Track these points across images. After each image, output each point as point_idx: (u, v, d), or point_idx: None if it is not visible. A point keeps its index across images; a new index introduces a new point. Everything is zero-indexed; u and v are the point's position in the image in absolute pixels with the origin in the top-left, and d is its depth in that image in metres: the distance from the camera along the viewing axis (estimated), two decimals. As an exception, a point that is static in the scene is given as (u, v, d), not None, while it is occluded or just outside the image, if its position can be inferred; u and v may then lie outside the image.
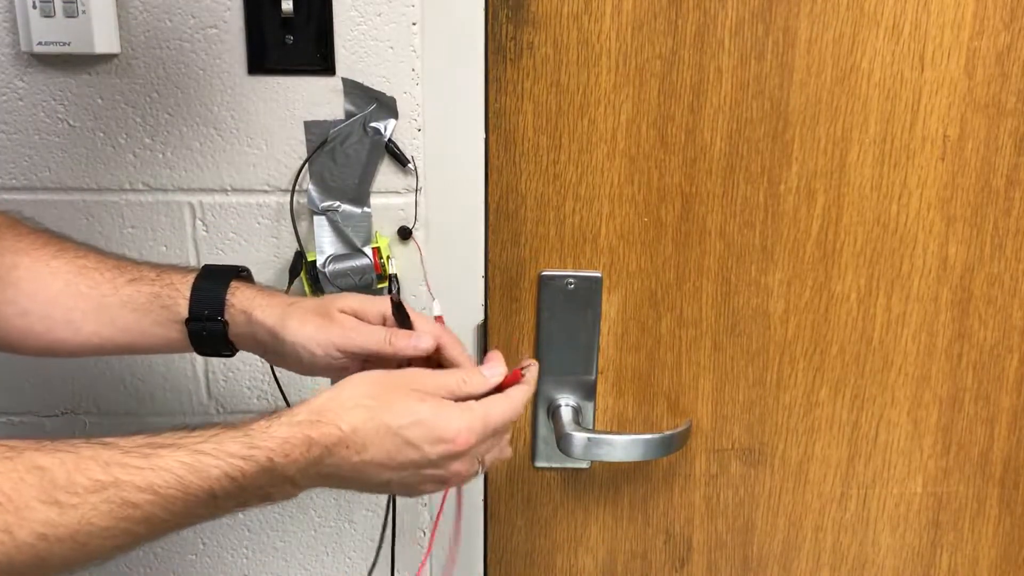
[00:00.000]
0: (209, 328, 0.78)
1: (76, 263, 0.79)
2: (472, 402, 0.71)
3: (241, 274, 0.81)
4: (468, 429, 0.69)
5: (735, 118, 0.98)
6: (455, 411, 0.69)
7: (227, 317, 0.78)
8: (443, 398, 0.70)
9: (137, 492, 0.57)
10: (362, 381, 0.69)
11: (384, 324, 0.78)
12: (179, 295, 0.78)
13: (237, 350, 0.80)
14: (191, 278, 0.79)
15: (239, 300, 0.78)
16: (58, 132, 0.95)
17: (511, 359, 1.05)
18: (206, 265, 0.82)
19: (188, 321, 0.78)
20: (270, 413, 0.65)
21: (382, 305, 0.78)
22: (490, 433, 0.70)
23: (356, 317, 0.77)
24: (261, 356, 0.80)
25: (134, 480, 0.57)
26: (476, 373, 0.74)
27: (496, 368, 0.75)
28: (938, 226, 1.01)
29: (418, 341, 0.75)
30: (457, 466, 0.69)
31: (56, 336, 0.78)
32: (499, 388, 0.74)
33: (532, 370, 0.77)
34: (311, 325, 0.75)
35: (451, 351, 0.78)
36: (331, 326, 0.75)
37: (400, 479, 0.68)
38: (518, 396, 0.74)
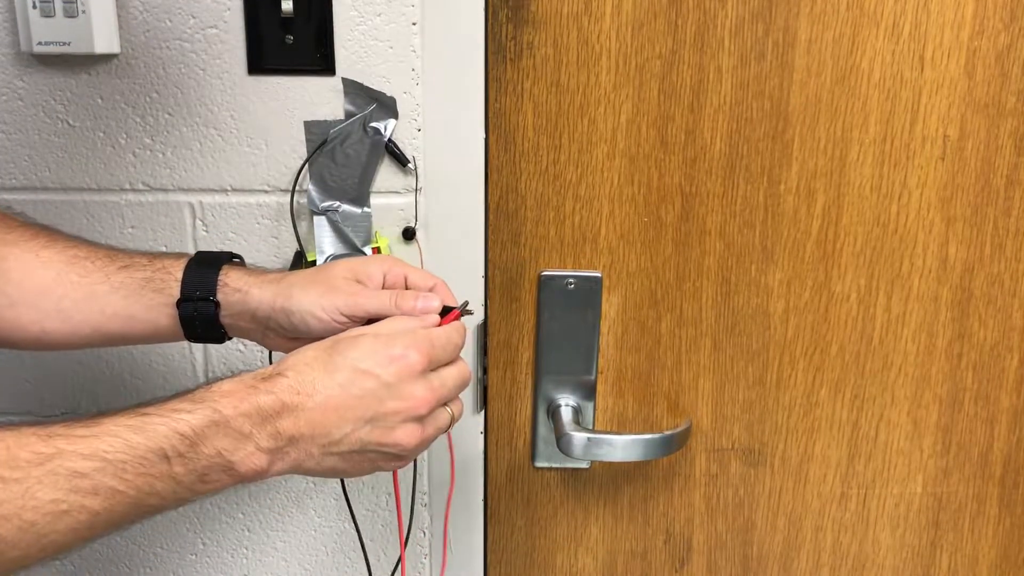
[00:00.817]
0: (200, 309, 0.77)
1: (67, 253, 0.78)
2: (408, 320, 0.72)
3: (233, 260, 0.81)
4: (414, 342, 0.68)
5: (735, 118, 0.98)
6: (397, 330, 0.70)
7: (219, 298, 0.77)
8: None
9: (82, 460, 0.55)
10: (320, 341, 0.70)
11: (383, 285, 0.78)
12: (171, 278, 0.78)
13: (227, 337, 0.79)
14: (184, 262, 0.79)
15: (232, 280, 0.77)
16: (58, 132, 0.95)
17: (511, 359, 1.06)
18: (199, 251, 0.82)
19: (180, 302, 0.77)
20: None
21: (380, 265, 0.78)
22: (437, 348, 0.70)
23: (357, 281, 0.77)
24: (257, 338, 0.79)
25: (78, 448, 0.55)
26: (409, 295, 0.75)
27: (431, 301, 0.75)
28: (938, 226, 1.01)
29: (426, 303, 0.75)
30: (418, 390, 0.68)
31: (45, 327, 0.77)
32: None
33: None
34: (314, 292, 0.75)
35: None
36: (335, 292, 0.75)
37: (367, 427, 0.66)
38: (453, 323, 0.74)
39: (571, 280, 1.02)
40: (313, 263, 0.95)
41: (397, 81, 0.94)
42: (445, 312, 0.76)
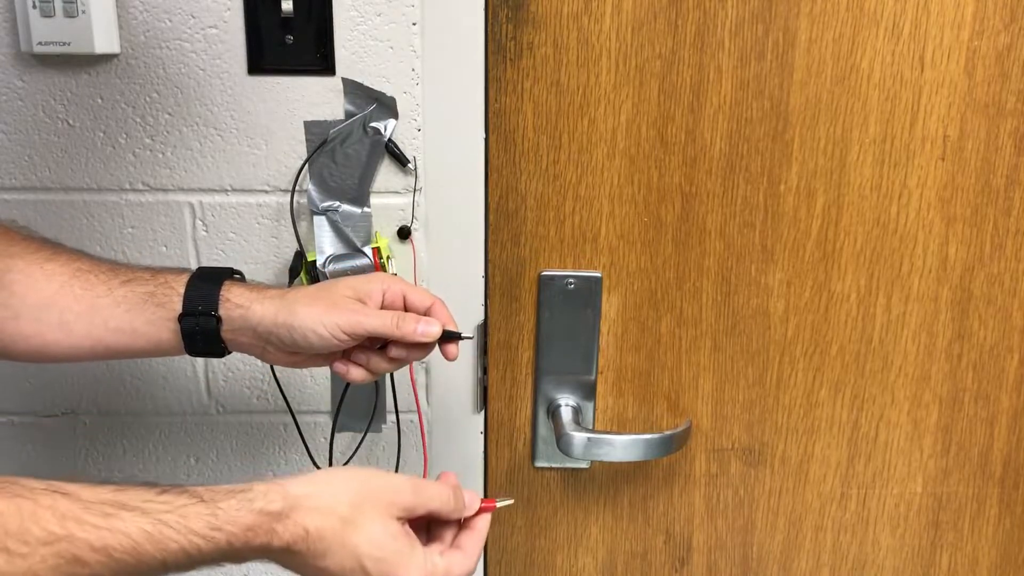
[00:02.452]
0: (202, 324, 0.77)
1: (71, 266, 0.79)
2: (437, 557, 0.68)
3: (235, 275, 0.81)
4: (425, 572, 0.66)
5: (735, 118, 0.98)
6: (418, 558, 0.66)
7: (221, 313, 0.77)
8: (420, 522, 0.68)
9: (90, 551, 0.55)
10: (345, 480, 0.66)
11: (383, 304, 0.79)
12: (174, 292, 0.78)
13: (228, 351, 0.80)
14: (186, 277, 0.79)
15: (235, 296, 0.78)
16: (58, 132, 0.95)
17: (511, 359, 1.05)
18: (201, 267, 0.82)
19: (182, 317, 0.77)
20: (247, 488, 0.62)
21: (379, 283, 0.79)
22: None
23: (358, 299, 0.78)
24: (256, 353, 0.80)
25: (89, 539, 0.55)
26: (465, 497, 0.71)
27: (432, 326, 0.77)
28: (938, 226, 1.01)
29: (427, 327, 0.77)
30: None
31: (47, 339, 0.77)
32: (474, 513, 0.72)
33: (486, 518, 0.73)
34: (317, 309, 0.76)
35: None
36: (336, 310, 0.76)
37: None
38: (474, 550, 0.70)
39: (571, 280, 1.02)
40: (313, 263, 0.95)
41: (397, 81, 0.94)
42: (445, 337, 0.78)
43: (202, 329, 0.77)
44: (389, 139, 0.95)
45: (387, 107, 0.94)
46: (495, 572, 1.13)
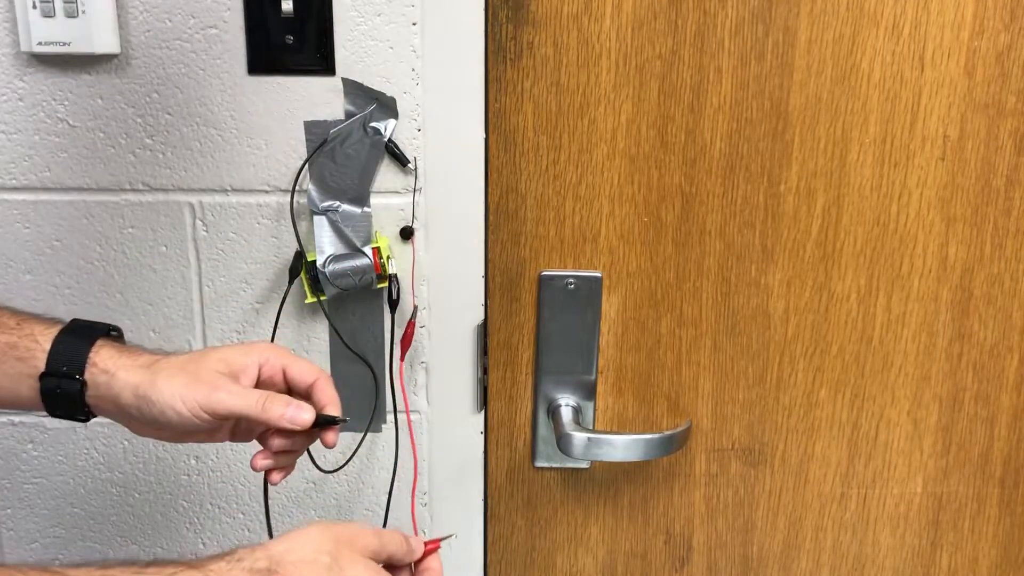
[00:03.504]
0: (64, 386, 0.71)
1: None
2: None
3: (111, 333, 0.75)
4: None
5: (735, 118, 0.98)
6: None
7: (87, 376, 0.71)
8: (383, 566, 0.67)
9: None
10: (319, 533, 0.65)
11: (259, 378, 0.73)
12: (38, 347, 0.71)
13: (92, 416, 0.73)
14: (55, 331, 0.72)
15: (102, 359, 0.71)
16: (58, 132, 0.95)
17: (511, 359, 1.05)
18: (75, 320, 0.75)
19: (43, 376, 0.71)
20: (232, 552, 0.62)
21: (257, 356, 0.73)
22: None
23: (230, 374, 0.71)
24: (122, 422, 0.73)
25: None
26: (412, 542, 0.70)
27: (302, 413, 0.71)
28: (938, 226, 1.01)
29: (296, 413, 0.70)
30: None
31: None
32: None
33: (435, 557, 0.72)
34: (178, 381, 0.70)
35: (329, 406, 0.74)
36: (198, 385, 0.69)
37: None
38: None
39: (571, 280, 1.02)
40: (313, 263, 0.95)
41: (397, 81, 0.94)
42: (321, 423, 0.72)
43: (64, 392, 0.71)
44: (389, 139, 0.95)
45: (387, 107, 0.94)
46: (495, 572, 1.13)
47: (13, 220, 0.97)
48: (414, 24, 0.93)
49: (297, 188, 0.96)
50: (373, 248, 0.95)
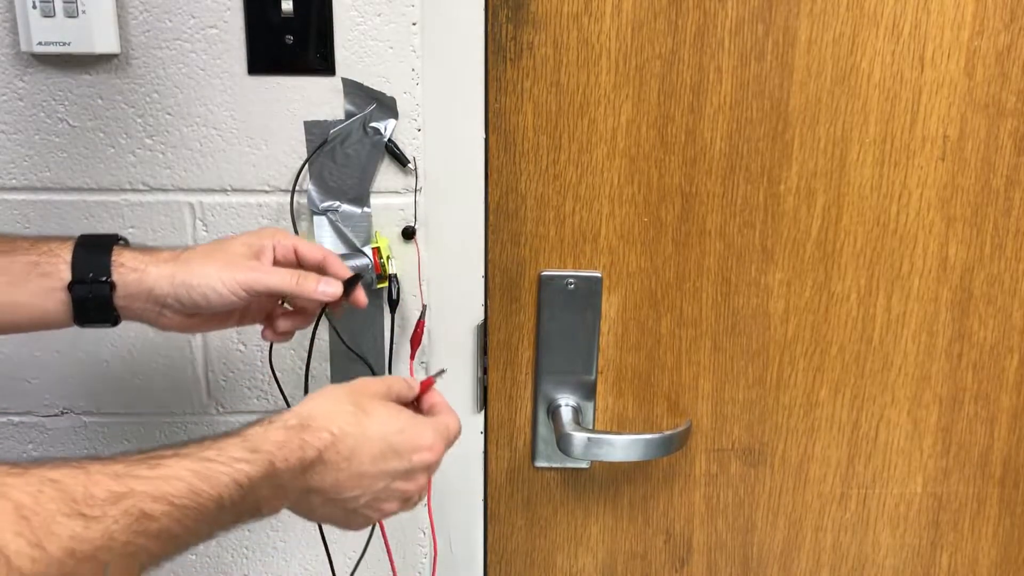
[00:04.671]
0: (95, 291, 0.74)
1: None
2: (434, 417, 0.75)
3: (120, 241, 0.79)
4: (440, 439, 0.73)
5: (735, 118, 0.98)
6: (427, 423, 0.73)
7: (115, 278, 0.75)
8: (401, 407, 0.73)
9: (152, 502, 0.54)
10: (334, 390, 0.71)
11: (275, 259, 0.79)
12: (60, 260, 0.75)
13: (120, 320, 0.77)
14: (71, 244, 0.76)
15: (128, 260, 0.76)
16: (58, 132, 0.95)
17: (511, 359, 1.05)
18: (83, 235, 0.78)
19: (72, 285, 0.74)
20: (261, 419, 0.65)
21: (270, 238, 0.79)
22: (451, 444, 0.75)
23: (253, 256, 0.77)
24: (150, 319, 0.77)
25: (148, 489, 0.55)
26: (411, 381, 0.77)
27: (331, 286, 0.78)
28: (938, 226, 1.01)
29: (327, 287, 0.77)
30: (423, 478, 0.72)
31: None
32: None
33: (433, 391, 0.79)
34: (214, 266, 0.75)
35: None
36: (235, 267, 0.75)
37: (371, 494, 0.69)
38: (449, 410, 0.78)
39: (571, 280, 1.02)
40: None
41: (397, 81, 0.94)
42: (348, 284, 0.79)
43: (95, 296, 0.74)
44: (389, 139, 0.95)
45: (387, 107, 0.94)
46: (495, 572, 1.13)
47: (13, 220, 0.97)
48: (414, 24, 0.93)
49: (297, 188, 0.96)
50: (373, 248, 0.95)
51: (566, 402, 1.05)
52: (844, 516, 1.11)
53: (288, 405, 0.99)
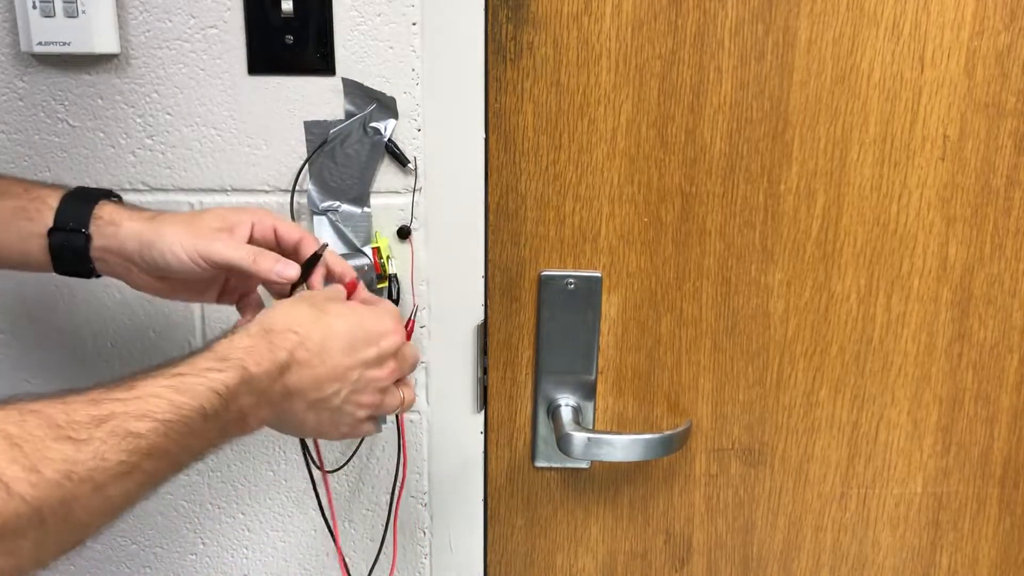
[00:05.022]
0: (71, 240, 0.76)
1: None
2: (381, 305, 0.77)
3: (112, 198, 0.80)
4: (398, 323, 0.76)
5: (735, 118, 0.98)
6: (381, 310, 0.76)
7: (92, 230, 0.76)
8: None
9: (135, 421, 0.55)
10: (291, 300, 0.73)
11: (252, 236, 0.78)
12: (46, 207, 0.77)
13: (95, 273, 0.79)
14: (60, 193, 0.78)
15: (107, 214, 0.77)
16: (58, 132, 0.95)
17: (511, 359, 1.05)
18: (79, 186, 0.81)
19: (51, 232, 0.76)
20: (220, 334, 0.66)
21: (249, 216, 0.79)
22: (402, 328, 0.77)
23: (225, 228, 0.77)
24: (121, 274, 0.79)
25: (128, 410, 0.56)
26: (335, 287, 0.79)
27: (288, 269, 0.78)
28: (938, 226, 1.01)
29: (283, 268, 0.76)
30: (392, 364, 0.74)
31: None
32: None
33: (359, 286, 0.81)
34: (179, 229, 0.76)
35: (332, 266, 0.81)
36: (198, 236, 0.75)
37: (349, 386, 0.71)
38: (381, 299, 0.81)
39: (571, 280, 1.02)
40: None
41: (397, 81, 0.94)
42: (307, 265, 0.79)
43: (70, 246, 0.76)
44: (389, 139, 0.95)
45: (387, 107, 0.94)
46: (495, 572, 1.13)
47: None
48: (414, 24, 0.93)
49: (297, 188, 0.96)
50: (373, 248, 0.95)
51: (566, 402, 1.05)
52: (844, 516, 1.11)
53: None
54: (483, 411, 1.06)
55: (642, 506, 1.11)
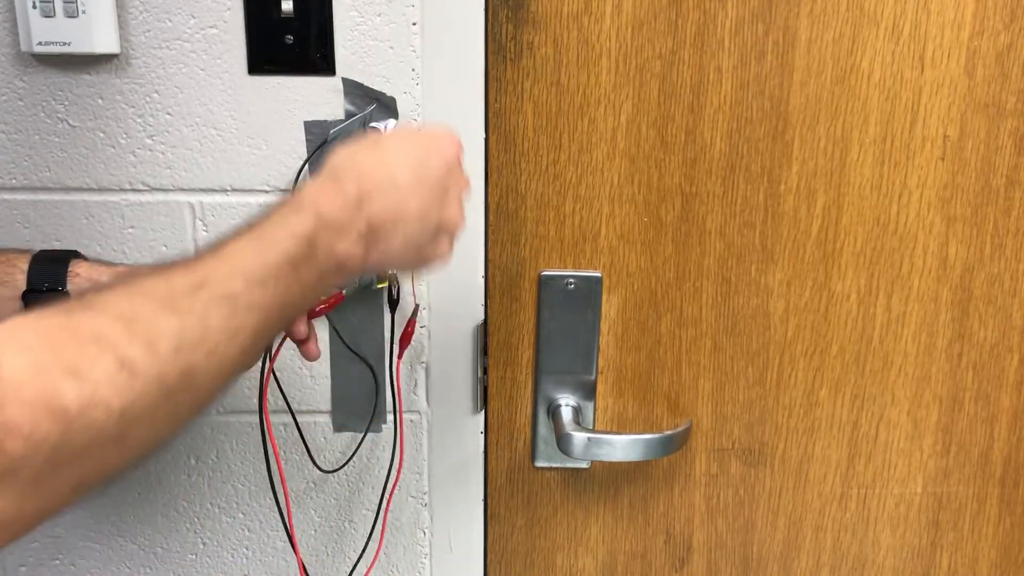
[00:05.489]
0: (48, 301, 0.76)
1: None
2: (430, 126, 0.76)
3: (79, 257, 0.80)
4: (449, 131, 0.73)
5: (735, 118, 0.98)
6: (429, 130, 0.75)
7: (70, 288, 0.76)
8: None
9: (229, 280, 0.56)
10: (347, 144, 0.70)
11: None
12: (17, 270, 0.77)
13: None
14: (28, 256, 0.78)
15: (84, 271, 0.77)
16: (58, 132, 0.95)
17: (511, 359, 1.05)
18: (42, 249, 0.81)
19: (25, 295, 0.76)
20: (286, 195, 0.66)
21: None
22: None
23: None
24: None
25: (221, 270, 0.56)
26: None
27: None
28: (938, 226, 1.01)
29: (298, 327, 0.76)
30: (459, 171, 0.72)
31: None
32: None
33: None
34: None
35: None
36: None
37: (433, 198, 0.69)
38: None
39: (571, 280, 1.02)
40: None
41: (397, 81, 0.94)
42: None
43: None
44: (389, 139, 0.95)
45: (387, 107, 0.94)
46: (495, 572, 1.13)
47: (13, 220, 0.97)
48: (414, 24, 0.93)
49: (297, 188, 0.96)
50: (373, 248, 0.95)
51: (566, 402, 1.05)
52: (844, 516, 1.11)
53: (288, 405, 1.00)
54: (483, 411, 1.06)
55: (642, 506, 1.11)
